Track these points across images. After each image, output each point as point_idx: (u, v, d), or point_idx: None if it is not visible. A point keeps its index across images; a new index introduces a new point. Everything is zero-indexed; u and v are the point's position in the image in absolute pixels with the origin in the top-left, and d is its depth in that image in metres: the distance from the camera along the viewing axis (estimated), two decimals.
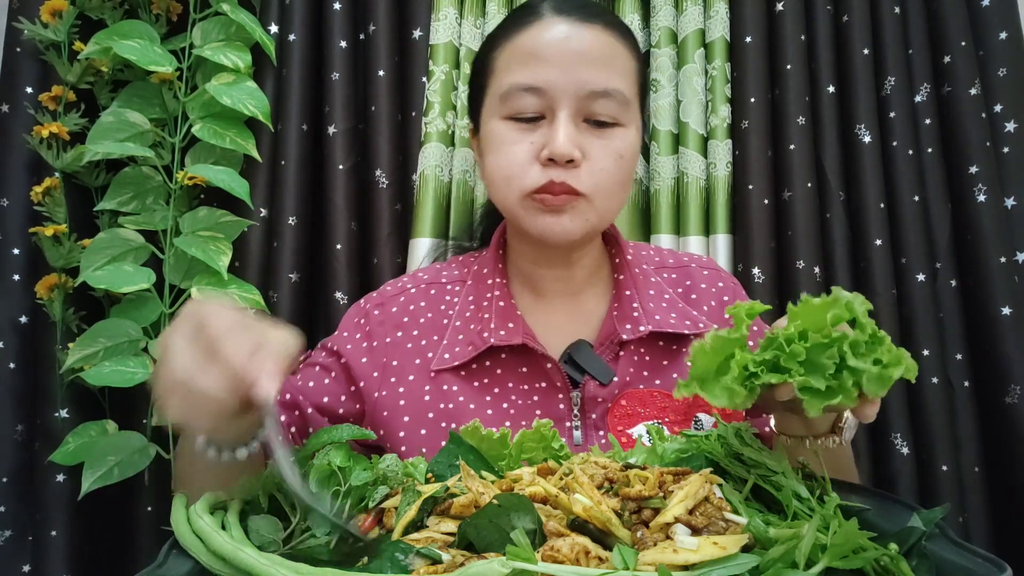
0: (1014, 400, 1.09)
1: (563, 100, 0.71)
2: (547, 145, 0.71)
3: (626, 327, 0.77)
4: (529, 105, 0.72)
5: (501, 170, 0.74)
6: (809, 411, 0.47)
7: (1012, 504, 1.10)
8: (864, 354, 0.47)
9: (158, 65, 1.04)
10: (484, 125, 0.78)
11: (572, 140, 0.71)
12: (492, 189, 0.78)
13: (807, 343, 0.47)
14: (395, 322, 0.81)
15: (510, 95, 0.73)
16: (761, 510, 0.51)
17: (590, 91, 0.71)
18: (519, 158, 0.73)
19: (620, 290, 0.81)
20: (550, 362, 0.75)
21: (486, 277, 0.82)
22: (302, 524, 0.53)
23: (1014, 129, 1.17)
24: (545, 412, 0.75)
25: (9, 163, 1.08)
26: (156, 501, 1.08)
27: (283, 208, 1.13)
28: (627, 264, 0.82)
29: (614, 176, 0.74)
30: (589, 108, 0.72)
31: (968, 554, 0.41)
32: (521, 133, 0.73)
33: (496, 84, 0.76)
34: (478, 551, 0.44)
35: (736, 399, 0.48)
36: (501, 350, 0.76)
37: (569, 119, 0.71)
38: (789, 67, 1.17)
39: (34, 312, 1.08)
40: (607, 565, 0.40)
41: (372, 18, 1.19)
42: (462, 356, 0.76)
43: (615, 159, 0.73)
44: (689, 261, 0.88)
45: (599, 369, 0.75)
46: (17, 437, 1.06)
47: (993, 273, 1.12)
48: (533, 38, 0.73)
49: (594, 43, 0.73)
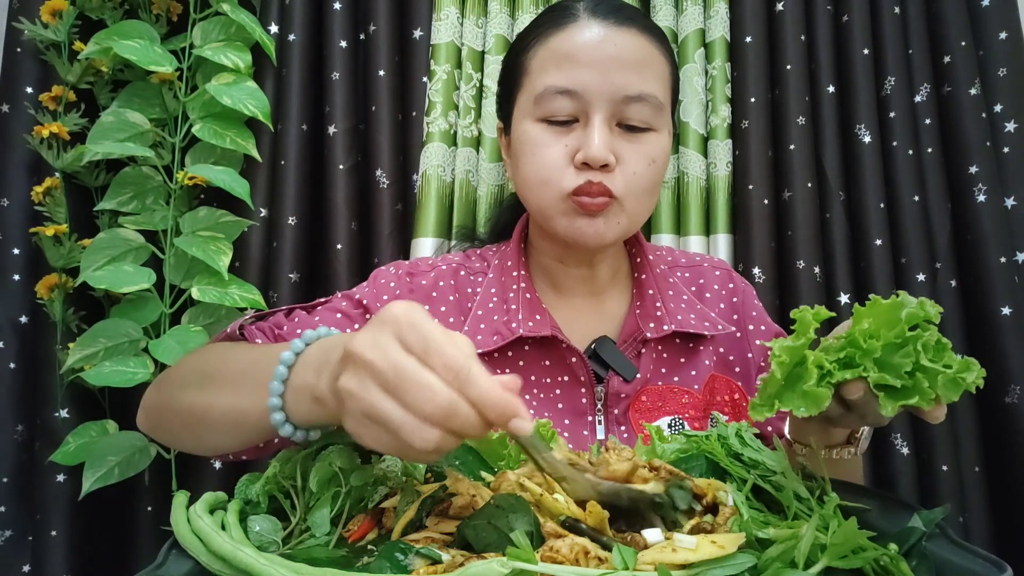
0: (1014, 400, 1.09)
1: (598, 104, 0.71)
2: (582, 148, 0.71)
3: (649, 326, 0.78)
4: (563, 108, 0.72)
5: (536, 173, 0.74)
6: (884, 410, 0.46)
7: (1012, 504, 1.10)
8: (935, 357, 0.46)
9: (158, 65, 1.04)
10: (516, 126, 0.77)
11: (607, 144, 0.71)
12: (525, 190, 0.77)
13: (880, 341, 0.46)
14: (425, 293, 0.81)
15: (544, 97, 0.73)
16: (761, 510, 0.52)
17: (625, 95, 0.71)
18: (555, 161, 0.73)
19: (642, 289, 0.82)
20: (575, 356, 0.76)
21: (510, 270, 0.82)
22: (302, 524, 0.54)
23: (1014, 129, 1.17)
24: (567, 405, 0.76)
25: (9, 163, 1.09)
26: (156, 501, 1.08)
27: (283, 208, 1.13)
28: (649, 264, 0.83)
29: (646, 181, 0.74)
30: (623, 112, 0.72)
31: (968, 554, 0.41)
32: (555, 136, 0.73)
33: (530, 85, 0.75)
34: (476, 552, 0.45)
35: (821, 401, 0.46)
36: (525, 342, 0.77)
37: (604, 123, 0.71)
38: (789, 67, 1.17)
39: (34, 312, 1.08)
40: (607, 565, 0.40)
41: (372, 18, 1.19)
42: (487, 345, 0.75)
43: (647, 164, 0.73)
44: (701, 261, 0.89)
45: (623, 365, 0.76)
46: (17, 437, 1.06)
47: (993, 273, 1.12)
48: (568, 40, 0.73)
49: (630, 47, 0.72)
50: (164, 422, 0.68)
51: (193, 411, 0.62)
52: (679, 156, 1.19)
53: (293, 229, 1.13)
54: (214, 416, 0.60)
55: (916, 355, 0.46)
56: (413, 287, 0.81)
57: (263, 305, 1.07)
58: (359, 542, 0.51)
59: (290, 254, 1.13)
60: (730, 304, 0.85)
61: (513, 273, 0.81)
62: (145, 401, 0.71)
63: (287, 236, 1.13)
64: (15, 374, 1.07)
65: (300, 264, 1.14)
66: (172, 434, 0.69)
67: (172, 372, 0.70)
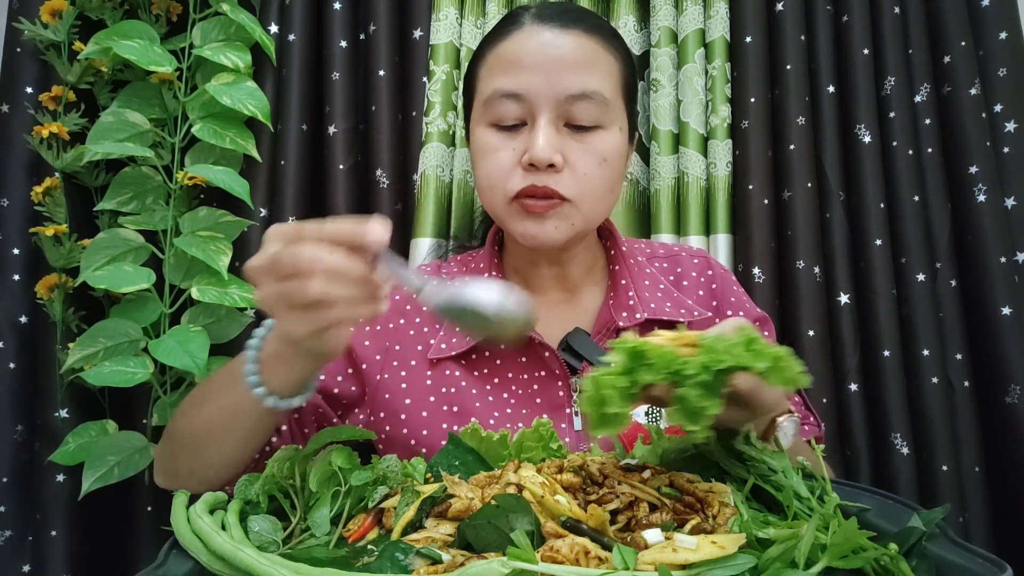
0: (1014, 400, 1.09)
1: (542, 105, 0.73)
2: (527, 150, 0.72)
3: (622, 314, 0.79)
4: (511, 112, 0.74)
5: (486, 177, 0.76)
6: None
7: (1012, 504, 1.10)
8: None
9: (158, 65, 1.04)
10: (472, 133, 0.79)
11: (552, 145, 0.72)
12: (480, 195, 0.80)
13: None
14: (399, 307, 0.82)
15: (492, 101, 0.75)
16: (761, 510, 0.52)
17: (568, 95, 0.72)
18: (502, 164, 0.74)
19: (616, 280, 0.83)
20: (548, 350, 0.76)
21: (482, 272, 0.84)
22: (302, 524, 0.54)
23: (1014, 129, 1.17)
24: (545, 400, 0.77)
25: (9, 163, 1.08)
26: (156, 501, 1.08)
27: (283, 208, 1.13)
28: (622, 255, 0.84)
29: (598, 180, 0.75)
30: (569, 112, 0.73)
31: (968, 554, 0.41)
32: (504, 139, 0.75)
33: (480, 92, 0.78)
34: (477, 552, 0.45)
35: (625, 420, 0.49)
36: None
37: (549, 124, 0.73)
38: (789, 67, 1.17)
39: (34, 312, 1.07)
40: (607, 565, 0.40)
41: (372, 18, 1.19)
42: (459, 347, 0.77)
43: (598, 162, 0.74)
44: (679, 251, 0.90)
45: (596, 355, 0.76)
46: (17, 437, 1.06)
47: (993, 273, 1.12)
48: (514, 46, 0.75)
49: (572, 47, 0.74)
50: (174, 462, 0.71)
51: (193, 431, 0.67)
52: (679, 156, 1.19)
53: None
54: (211, 424, 0.65)
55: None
56: (387, 304, 0.82)
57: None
58: (359, 542, 0.51)
59: None
60: (708, 291, 0.86)
61: (485, 275, 0.83)
62: (156, 456, 0.75)
63: None
64: (15, 374, 1.07)
65: None
66: (186, 469, 0.70)
67: (172, 420, 0.74)
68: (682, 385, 0.48)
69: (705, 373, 0.47)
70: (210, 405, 0.66)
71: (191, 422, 0.68)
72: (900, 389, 1.11)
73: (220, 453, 0.65)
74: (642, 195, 1.22)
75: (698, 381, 0.47)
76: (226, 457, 0.66)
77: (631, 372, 0.49)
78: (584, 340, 0.78)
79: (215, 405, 0.65)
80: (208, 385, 0.69)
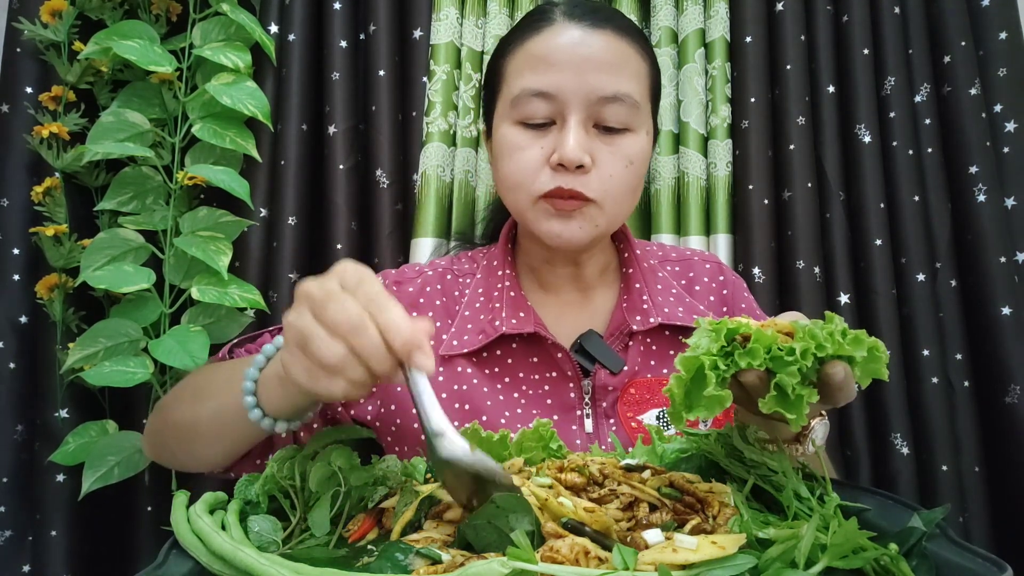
0: (1014, 400, 1.09)
1: (573, 105, 0.72)
2: (557, 150, 0.72)
3: (636, 318, 0.78)
4: (539, 110, 0.73)
5: (512, 175, 0.75)
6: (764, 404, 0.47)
7: (1012, 504, 1.10)
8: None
9: (158, 65, 1.04)
10: (496, 130, 0.78)
11: (582, 146, 0.71)
12: (503, 193, 0.79)
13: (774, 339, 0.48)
14: (411, 301, 0.82)
15: (520, 100, 0.73)
16: (761, 510, 0.51)
17: (599, 96, 0.72)
18: (530, 163, 0.73)
19: (629, 283, 0.82)
20: (560, 351, 0.76)
21: (496, 269, 0.83)
22: (302, 524, 0.54)
23: (1014, 129, 1.17)
24: (556, 401, 0.76)
25: (9, 163, 1.08)
26: (156, 501, 1.08)
27: (283, 208, 1.13)
28: (636, 258, 0.84)
29: (624, 182, 0.74)
30: (599, 114, 0.72)
31: (968, 554, 0.41)
32: (532, 138, 0.74)
33: (507, 89, 0.76)
34: (477, 552, 0.45)
35: (725, 402, 0.47)
36: (512, 339, 0.78)
37: (579, 124, 0.72)
38: (789, 67, 1.17)
39: (34, 312, 1.07)
40: (607, 565, 0.40)
41: (372, 18, 1.19)
42: (472, 344, 0.77)
43: (625, 165, 0.74)
44: (692, 255, 0.90)
45: (609, 358, 0.76)
46: (17, 437, 1.06)
47: (993, 273, 1.12)
48: (544, 43, 0.74)
49: (605, 48, 0.73)
50: (163, 440, 0.72)
51: (185, 423, 0.67)
52: (679, 156, 1.19)
53: (293, 229, 1.13)
54: (202, 424, 0.65)
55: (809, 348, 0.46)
56: (400, 295, 0.82)
57: (263, 305, 1.07)
58: (359, 542, 0.51)
59: (290, 254, 1.13)
60: (720, 296, 0.85)
61: (499, 272, 0.82)
62: (146, 428, 0.75)
63: (287, 236, 1.13)
64: (15, 374, 1.07)
65: (300, 264, 1.14)
66: (170, 452, 0.72)
67: (168, 396, 0.74)
68: (781, 372, 0.46)
69: (805, 359, 0.46)
70: (207, 403, 0.65)
71: (184, 414, 0.67)
72: (900, 389, 1.11)
73: (209, 451, 0.66)
74: (642, 195, 1.22)
75: (799, 368, 0.46)
76: (215, 455, 0.66)
77: (728, 355, 0.47)
78: (597, 343, 0.77)
79: (212, 405, 0.65)
80: (211, 377, 0.69)
